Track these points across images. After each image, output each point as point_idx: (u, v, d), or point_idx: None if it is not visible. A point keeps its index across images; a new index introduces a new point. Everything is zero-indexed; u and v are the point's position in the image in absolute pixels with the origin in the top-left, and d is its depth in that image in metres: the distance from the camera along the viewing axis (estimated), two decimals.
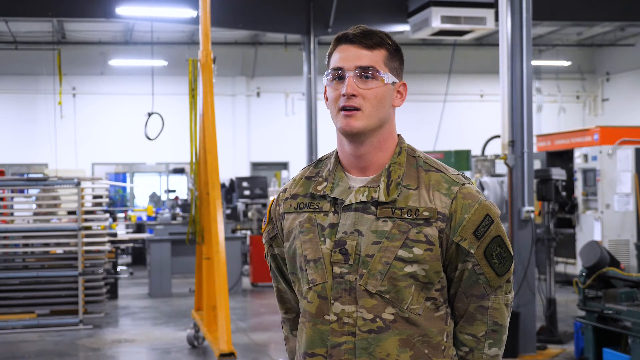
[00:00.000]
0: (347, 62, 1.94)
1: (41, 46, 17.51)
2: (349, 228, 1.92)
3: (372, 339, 1.89)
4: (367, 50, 1.95)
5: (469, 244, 1.91)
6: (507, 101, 7.58)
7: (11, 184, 10.11)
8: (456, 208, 1.91)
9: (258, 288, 12.50)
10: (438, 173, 1.96)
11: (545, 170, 8.61)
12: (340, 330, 1.91)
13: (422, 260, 1.89)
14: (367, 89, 1.93)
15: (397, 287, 1.89)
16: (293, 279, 2.06)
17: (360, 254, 1.90)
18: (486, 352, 1.98)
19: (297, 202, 2.03)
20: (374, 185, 1.94)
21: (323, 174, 2.03)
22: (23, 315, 9.26)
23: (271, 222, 2.13)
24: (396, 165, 1.96)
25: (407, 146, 2.01)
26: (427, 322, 1.92)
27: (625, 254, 10.98)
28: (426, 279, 1.90)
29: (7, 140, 18.74)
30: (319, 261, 1.94)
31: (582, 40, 19.66)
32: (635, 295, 6.66)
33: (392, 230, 1.90)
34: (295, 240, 2.01)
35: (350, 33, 1.96)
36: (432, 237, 1.89)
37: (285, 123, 19.74)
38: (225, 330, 6.67)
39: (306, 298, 1.97)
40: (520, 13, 7.56)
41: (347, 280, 1.91)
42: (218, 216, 7.29)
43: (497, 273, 1.94)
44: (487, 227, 1.92)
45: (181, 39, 18.44)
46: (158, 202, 18.79)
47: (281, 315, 2.24)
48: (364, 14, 13.01)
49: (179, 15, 12.27)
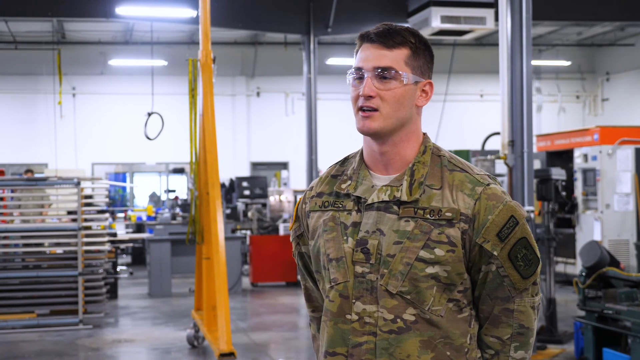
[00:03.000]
0: (366, 62, 1.92)
1: (41, 46, 17.50)
2: (371, 227, 1.91)
3: (393, 339, 1.87)
4: (387, 50, 1.92)
5: (492, 246, 1.87)
6: (507, 101, 7.57)
7: (11, 184, 10.11)
8: (479, 209, 1.88)
9: (258, 288, 12.50)
10: (462, 173, 1.92)
11: (545, 170, 8.61)
12: (362, 330, 1.89)
13: (443, 262, 1.86)
14: (386, 89, 1.90)
15: (418, 288, 1.86)
16: (318, 278, 2.05)
17: (382, 253, 1.88)
18: (512, 355, 1.94)
19: (322, 200, 2.02)
20: (396, 184, 1.92)
21: (348, 172, 2.02)
22: (23, 315, 9.26)
23: (298, 220, 2.13)
24: (420, 165, 1.93)
25: (432, 145, 1.98)
26: (449, 323, 1.89)
27: (625, 254, 10.98)
28: (448, 281, 1.88)
29: (7, 140, 18.74)
30: (341, 260, 1.93)
31: (582, 40, 19.66)
32: (635, 295, 6.66)
33: (414, 231, 1.87)
34: (319, 238, 1.99)
35: (372, 32, 1.94)
36: (455, 239, 1.87)
37: (285, 123, 19.74)
38: (225, 330, 6.67)
39: (328, 297, 1.96)
40: (520, 13, 7.56)
41: (368, 279, 1.89)
42: (218, 216, 7.29)
43: (522, 276, 1.90)
44: (512, 228, 1.88)
45: (181, 38, 18.44)
46: (158, 202, 18.79)
47: (309, 314, 2.22)
48: (363, 14, 13.01)
49: (178, 15, 12.27)
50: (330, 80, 19.28)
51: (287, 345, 8.43)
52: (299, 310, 10.55)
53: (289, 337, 8.79)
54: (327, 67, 18.67)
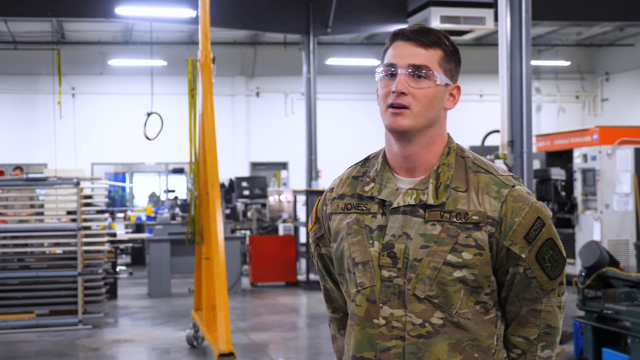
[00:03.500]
0: (400, 59, 1.90)
1: (41, 46, 17.50)
2: (397, 231, 1.89)
3: (422, 343, 1.86)
4: (423, 48, 1.90)
5: (520, 249, 1.87)
6: (507, 101, 7.58)
7: (11, 184, 10.11)
8: (506, 212, 1.86)
9: (257, 288, 12.50)
10: (487, 175, 1.91)
11: (545, 170, 8.61)
12: (389, 335, 1.88)
13: (471, 265, 1.85)
14: (419, 88, 1.88)
15: (446, 292, 1.86)
16: (340, 280, 2.03)
17: (409, 257, 1.87)
18: (539, 354, 1.94)
19: (344, 202, 1.99)
20: (422, 187, 1.90)
21: (370, 174, 1.98)
22: (22, 315, 9.26)
23: (318, 221, 2.09)
24: (445, 167, 1.91)
25: (455, 146, 1.96)
26: (476, 325, 1.89)
27: (625, 254, 10.98)
28: (475, 284, 1.87)
29: (7, 140, 18.74)
30: (368, 264, 1.91)
31: (582, 40, 19.66)
32: (635, 295, 6.66)
33: (441, 234, 1.86)
34: (343, 241, 1.96)
35: (407, 30, 1.92)
36: (482, 242, 1.85)
37: (284, 123, 19.74)
38: (225, 330, 6.67)
39: (354, 301, 1.94)
40: (520, 13, 7.57)
41: (395, 283, 1.88)
42: (217, 216, 7.29)
43: (549, 277, 1.90)
44: (539, 230, 1.88)
45: (180, 39, 18.44)
46: (157, 202, 18.79)
47: (328, 315, 2.20)
48: (363, 14, 13.02)
49: (178, 15, 12.28)
50: (329, 81, 19.29)
51: (287, 345, 8.43)
52: (298, 310, 10.55)
53: (288, 337, 8.79)
54: (326, 67, 18.67)
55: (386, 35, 19.98)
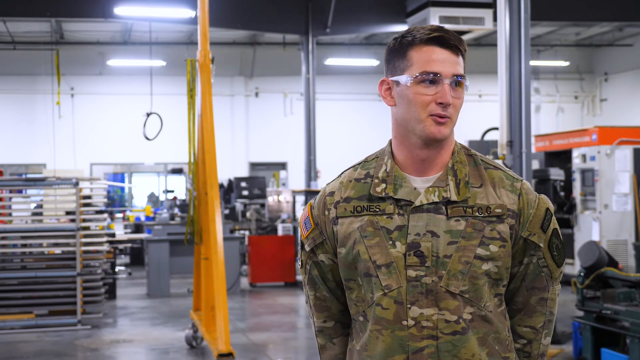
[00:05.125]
0: (444, 68, 1.87)
1: (39, 46, 17.50)
2: (422, 229, 1.88)
3: (457, 340, 1.87)
4: (457, 56, 1.90)
5: (538, 238, 1.94)
6: (506, 101, 7.58)
7: (9, 184, 10.11)
8: (523, 204, 1.93)
9: (256, 288, 12.50)
10: (498, 170, 1.96)
11: (544, 170, 8.62)
12: (420, 335, 1.87)
13: (497, 257, 1.89)
14: (457, 98, 1.90)
15: (477, 286, 1.88)
16: (350, 286, 1.98)
17: (438, 255, 1.87)
18: (543, 342, 2.01)
19: (352, 205, 1.96)
20: (442, 184, 1.91)
21: (379, 174, 1.96)
22: (21, 316, 9.25)
23: (317, 227, 2.03)
24: (459, 164, 1.94)
25: (460, 145, 1.99)
26: (496, 318, 1.93)
27: (624, 254, 10.98)
28: (498, 276, 1.91)
29: (6, 140, 18.73)
30: (392, 265, 1.89)
31: (581, 40, 19.67)
32: (634, 295, 6.67)
33: (467, 229, 1.88)
34: (357, 245, 1.93)
35: (443, 35, 1.88)
36: (505, 234, 1.90)
37: (283, 123, 19.74)
38: (224, 331, 6.67)
39: (380, 305, 1.90)
40: (519, 13, 7.57)
41: (423, 282, 1.87)
42: (216, 216, 7.29)
43: (557, 264, 1.98)
44: (550, 220, 1.96)
45: (179, 39, 18.44)
46: (156, 202, 18.78)
47: (317, 325, 2.13)
48: (362, 14, 13.02)
49: (177, 16, 12.28)
50: (328, 81, 19.29)
51: (286, 345, 8.43)
52: (297, 310, 10.55)
53: (287, 337, 8.79)
54: (325, 67, 18.67)
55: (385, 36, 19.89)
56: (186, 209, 13.14)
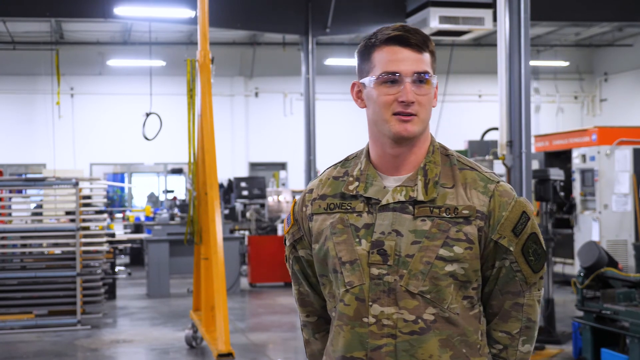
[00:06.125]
0: (404, 67, 1.88)
1: (39, 46, 17.50)
2: (387, 228, 1.89)
3: (414, 340, 1.87)
4: (420, 53, 1.90)
5: (509, 242, 1.90)
6: (506, 101, 7.58)
7: (9, 184, 10.10)
8: (494, 206, 1.90)
9: (256, 288, 12.49)
10: (473, 171, 1.94)
11: (544, 170, 8.61)
12: (380, 333, 1.88)
13: (462, 259, 1.87)
14: (422, 94, 1.90)
15: (438, 287, 1.87)
16: (323, 282, 2.02)
17: (400, 254, 1.87)
18: (520, 349, 1.96)
19: (326, 202, 1.99)
20: (411, 184, 1.91)
21: (354, 173, 1.99)
22: (21, 316, 9.25)
23: (296, 223, 2.07)
24: (432, 164, 1.93)
25: (438, 145, 1.99)
26: (464, 321, 1.91)
27: (624, 254, 10.98)
28: (465, 278, 1.89)
29: (5, 140, 18.73)
30: (355, 263, 1.90)
31: (580, 40, 19.67)
32: (633, 295, 6.67)
33: (432, 230, 1.87)
34: (327, 241, 1.96)
35: (402, 33, 1.89)
36: (472, 236, 1.88)
37: (283, 123, 19.74)
38: (224, 331, 6.67)
39: (343, 301, 1.93)
40: (519, 13, 7.57)
41: (385, 281, 1.88)
42: (216, 216, 7.29)
43: (533, 270, 1.93)
44: (525, 224, 1.91)
45: (179, 39, 18.43)
46: (156, 203, 18.78)
47: (301, 319, 2.20)
48: (362, 14, 13.02)
49: (177, 16, 12.27)
50: (328, 81, 19.29)
51: (286, 345, 8.43)
52: (297, 310, 10.55)
53: (287, 337, 8.79)
54: (325, 67, 18.67)
55: None
56: (186, 209, 13.13)
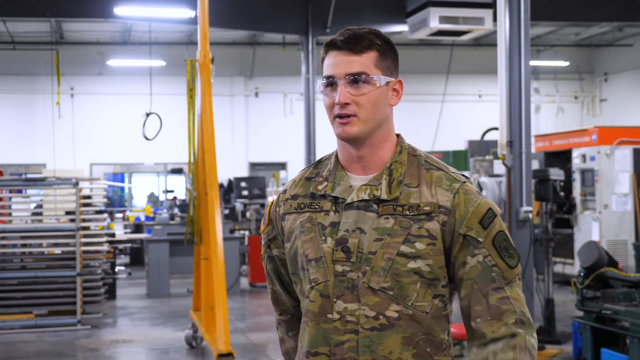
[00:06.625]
0: (337, 70, 1.94)
1: (39, 46, 17.50)
2: (351, 226, 1.92)
3: (375, 336, 1.88)
4: (356, 55, 1.93)
5: (477, 233, 1.89)
6: (506, 101, 7.58)
7: (9, 184, 10.11)
8: (459, 202, 1.91)
9: (256, 288, 12.49)
10: (439, 171, 1.96)
11: (544, 170, 8.61)
12: (343, 329, 1.90)
13: (425, 255, 1.88)
14: (360, 95, 1.92)
15: (401, 283, 1.88)
16: (294, 280, 2.05)
17: (363, 251, 1.90)
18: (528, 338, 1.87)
19: (297, 202, 2.03)
20: (375, 183, 1.94)
21: (323, 173, 2.03)
22: (21, 316, 9.25)
23: (271, 223, 2.13)
24: (397, 164, 1.96)
25: (407, 145, 2.01)
26: (433, 320, 1.91)
27: (624, 254, 10.98)
28: (432, 275, 1.90)
29: (5, 140, 18.72)
30: (321, 260, 1.94)
31: (580, 40, 19.67)
32: (633, 295, 6.67)
33: (394, 227, 1.89)
34: (297, 240, 2.00)
35: (338, 39, 1.95)
36: (434, 232, 1.89)
37: (283, 123, 19.74)
38: (224, 331, 6.67)
39: (308, 297, 1.96)
40: (519, 13, 7.57)
41: (349, 278, 1.90)
42: (216, 216, 7.29)
43: (508, 265, 1.90)
44: (492, 219, 1.91)
45: (179, 39, 18.43)
46: (156, 203, 18.78)
47: (276, 317, 2.25)
48: (362, 14, 13.01)
49: (177, 16, 12.27)
50: None
51: None
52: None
53: None
54: None
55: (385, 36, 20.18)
56: (186, 209, 13.13)
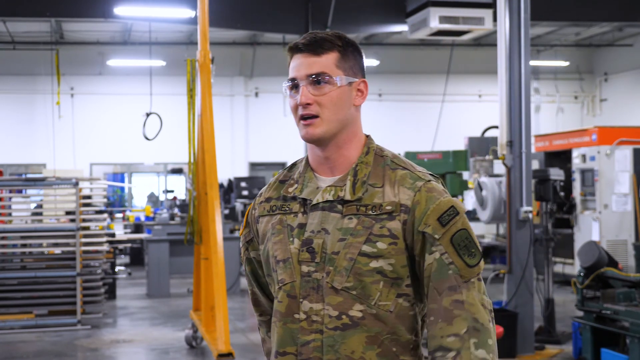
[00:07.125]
0: (298, 72, 2.00)
1: (39, 46, 17.49)
2: (316, 227, 1.95)
3: (338, 336, 1.90)
4: (316, 56, 1.98)
5: (433, 230, 1.88)
6: (506, 101, 7.58)
7: (9, 184, 10.10)
8: (420, 199, 1.90)
9: None
10: (404, 170, 1.97)
11: (544, 170, 8.61)
12: (309, 329, 1.93)
13: (386, 255, 1.89)
14: (322, 94, 1.96)
15: (363, 283, 1.89)
16: (269, 281, 2.09)
17: (327, 251, 1.92)
18: (474, 352, 1.83)
19: (270, 205, 2.07)
20: (340, 184, 1.96)
21: (294, 176, 2.07)
22: (21, 316, 9.26)
23: (248, 226, 2.17)
24: (363, 165, 1.98)
25: (375, 146, 2.03)
26: (398, 319, 1.92)
27: (624, 254, 10.98)
28: (395, 275, 1.90)
29: (5, 140, 18.71)
30: (288, 261, 1.97)
31: (580, 40, 19.67)
32: (633, 295, 6.67)
33: (357, 227, 1.91)
34: (268, 242, 2.04)
35: (300, 42, 2.01)
36: (396, 231, 1.90)
37: (283, 123, 19.73)
38: (224, 331, 6.67)
39: (277, 298, 2.00)
40: (519, 13, 7.57)
41: (314, 278, 1.93)
42: (216, 216, 7.29)
43: (466, 264, 1.88)
44: (452, 216, 1.90)
45: (179, 39, 18.43)
46: (156, 202, 18.78)
47: (257, 318, 2.29)
48: (362, 14, 13.01)
49: (177, 16, 12.27)
50: None
51: None
52: None
53: None
54: None
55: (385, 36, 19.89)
56: (186, 209, 13.13)
